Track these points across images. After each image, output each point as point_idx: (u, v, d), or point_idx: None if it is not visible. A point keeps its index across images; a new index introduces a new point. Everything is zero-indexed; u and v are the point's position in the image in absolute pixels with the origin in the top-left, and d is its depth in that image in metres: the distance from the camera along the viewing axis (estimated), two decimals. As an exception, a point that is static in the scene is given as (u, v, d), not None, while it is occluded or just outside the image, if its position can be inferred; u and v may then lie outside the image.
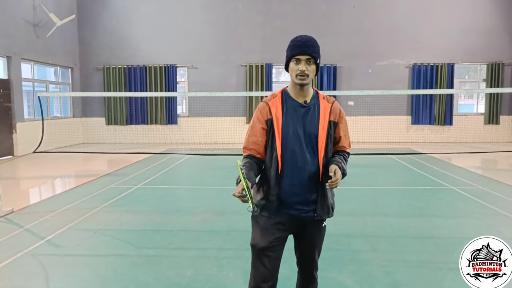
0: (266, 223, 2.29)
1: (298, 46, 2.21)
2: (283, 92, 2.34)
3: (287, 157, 2.24)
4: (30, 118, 12.59)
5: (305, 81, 2.21)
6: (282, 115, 2.26)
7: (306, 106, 2.27)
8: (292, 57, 2.22)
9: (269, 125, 2.27)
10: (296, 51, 2.20)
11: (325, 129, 2.26)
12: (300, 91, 2.27)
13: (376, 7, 14.49)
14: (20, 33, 11.88)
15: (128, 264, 3.98)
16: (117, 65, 14.76)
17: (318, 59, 2.23)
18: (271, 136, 2.27)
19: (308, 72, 2.20)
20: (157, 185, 7.77)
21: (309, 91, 2.30)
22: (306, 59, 2.19)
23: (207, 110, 14.60)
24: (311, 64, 2.21)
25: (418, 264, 3.90)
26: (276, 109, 2.27)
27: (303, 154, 2.24)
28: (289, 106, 2.27)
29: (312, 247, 2.38)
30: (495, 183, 7.54)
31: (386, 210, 5.93)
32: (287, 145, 2.24)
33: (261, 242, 2.29)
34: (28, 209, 6.02)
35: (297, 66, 2.21)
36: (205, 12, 14.65)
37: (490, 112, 14.44)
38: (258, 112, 2.32)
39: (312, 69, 2.22)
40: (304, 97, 2.28)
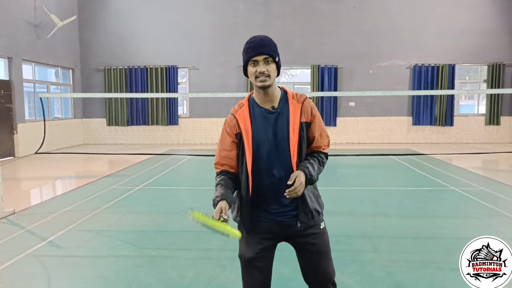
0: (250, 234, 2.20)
1: (253, 47, 2.08)
2: (249, 99, 2.20)
3: (259, 172, 2.12)
4: (31, 119, 12.61)
5: (266, 82, 2.06)
6: (251, 127, 2.12)
7: (275, 111, 2.12)
8: (249, 60, 2.08)
9: (238, 139, 2.15)
10: (252, 53, 2.07)
11: (296, 132, 2.10)
12: (265, 96, 2.13)
13: (377, 8, 14.50)
14: (21, 34, 11.90)
15: (129, 265, 3.98)
16: (118, 66, 14.78)
17: (276, 57, 2.10)
18: (241, 150, 2.15)
19: (268, 72, 2.06)
20: (159, 186, 7.77)
21: (275, 93, 2.15)
22: (264, 59, 2.06)
23: (208, 111, 14.60)
24: (270, 63, 2.08)
25: (419, 265, 3.90)
26: (244, 121, 2.14)
27: (276, 163, 2.11)
28: (257, 114, 2.14)
29: (316, 255, 2.19)
30: (496, 184, 7.54)
31: (387, 210, 5.92)
32: (259, 157, 2.12)
33: (248, 252, 2.18)
34: (30, 210, 6.03)
35: (255, 68, 2.07)
36: (206, 13, 14.67)
37: (491, 113, 14.44)
38: (226, 125, 2.20)
39: (272, 68, 2.08)
40: (271, 102, 2.14)
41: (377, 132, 14.51)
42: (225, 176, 2.18)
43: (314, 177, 2.08)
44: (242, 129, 2.13)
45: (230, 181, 2.17)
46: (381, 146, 13.83)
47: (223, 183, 2.14)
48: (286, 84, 15.44)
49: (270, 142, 2.11)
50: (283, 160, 2.12)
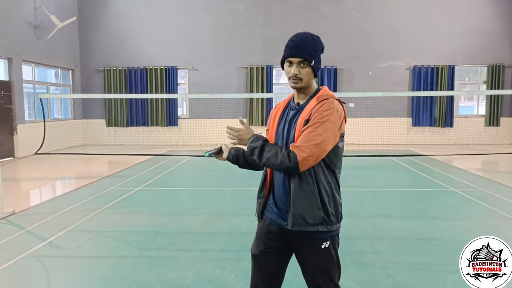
0: (260, 230, 2.25)
1: (290, 47, 2.06)
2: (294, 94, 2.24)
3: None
4: (30, 119, 12.60)
5: (298, 84, 2.06)
6: (279, 118, 2.17)
7: (297, 108, 2.12)
8: (285, 59, 2.09)
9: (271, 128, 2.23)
10: (288, 53, 2.06)
11: (300, 129, 2.01)
12: (298, 93, 2.14)
13: (377, 9, 14.51)
14: (21, 35, 11.90)
15: (129, 265, 3.98)
16: (117, 67, 14.77)
17: (313, 60, 2.03)
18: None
19: (300, 76, 2.03)
20: (158, 187, 7.77)
21: (308, 92, 2.11)
22: (299, 62, 2.03)
23: (208, 112, 14.61)
24: (305, 67, 2.03)
25: (419, 266, 3.90)
26: (277, 110, 2.21)
27: None
28: (288, 108, 2.18)
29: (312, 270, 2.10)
30: (496, 185, 7.54)
31: (387, 212, 5.92)
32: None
33: (253, 249, 2.25)
34: (30, 210, 6.02)
35: (289, 68, 2.06)
36: (205, 13, 14.68)
37: (490, 114, 14.44)
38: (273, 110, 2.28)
39: (306, 72, 2.03)
40: (302, 99, 2.13)
41: (376, 133, 14.52)
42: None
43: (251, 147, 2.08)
44: (272, 117, 2.22)
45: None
46: (381, 147, 13.84)
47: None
48: (285, 85, 15.46)
49: (284, 137, 2.10)
50: None
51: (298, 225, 2.03)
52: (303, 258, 2.13)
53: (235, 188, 7.50)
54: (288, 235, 2.11)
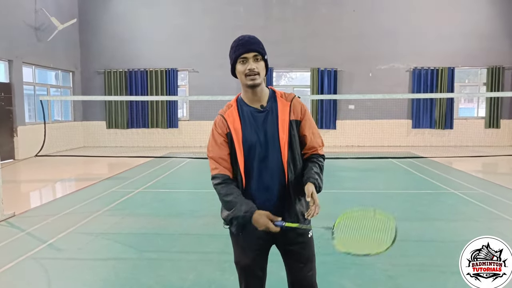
0: (244, 239, 2.19)
1: (242, 44, 2.07)
2: (238, 100, 2.18)
3: (251, 170, 2.10)
4: (31, 121, 12.61)
5: (256, 80, 2.04)
6: (241, 126, 2.10)
7: (264, 110, 2.11)
8: (237, 58, 2.06)
9: (229, 139, 2.12)
10: (241, 50, 2.05)
11: (286, 130, 2.07)
12: (253, 95, 2.10)
13: (377, 11, 14.53)
14: (21, 37, 11.92)
15: (129, 267, 3.98)
16: (118, 69, 14.79)
17: (265, 55, 2.08)
18: (233, 149, 2.12)
19: (258, 70, 2.04)
20: (158, 189, 7.77)
21: (264, 92, 2.13)
22: (253, 56, 2.05)
23: (208, 114, 14.57)
24: (259, 60, 2.06)
25: (420, 268, 3.90)
26: (233, 120, 2.12)
27: (268, 162, 2.09)
28: (246, 114, 2.12)
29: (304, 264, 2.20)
30: (496, 187, 7.54)
31: (387, 213, 5.90)
32: (250, 157, 2.09)
33: (243, 259, 2.21)
34: (30, 212, 6.02)
35: (244, 66, 2.05)
36: (206, 15, 14.70)
37: (490, 116, 14.45)
38: (216, 126, 2.17)
39: (261, 66, 2.06)
40: (259, 101, 2.12)
41: (376, 135, 14.51)
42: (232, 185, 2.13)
43: (321, 187, 2.09)
44: (232, 129, 2.11)
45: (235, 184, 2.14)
46: (381, 149, 13.83)
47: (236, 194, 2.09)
48: (285, 87, 15.47)
49: (261, 142, 2.09)
50: (275, 159, 2.09)
51: (297, 221, 2.13)
52: (293, 252, 2.18)
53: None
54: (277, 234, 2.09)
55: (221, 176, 2.15)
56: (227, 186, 2.13)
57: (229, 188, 2.12)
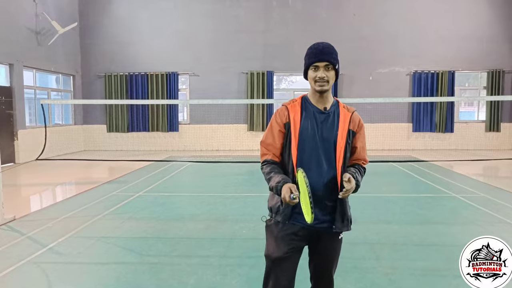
0: (280, 232, 2.25)
1: (316, 53, 2.20)
2: (303, 98, 2.32)
3: (303, 162, 2.18)
4: (31, 125, 12.61)
5: (324, 87, 2.19)
6: (301, 119, 2.23)
7: (326, 112, 2.25)
8: (310, 65, 2.21)
9: (286, 129, 2.24)
10: (314, 59, 2.19)
11: (344, 137, 2.21)
12: (320, 98, 2.25)
13: (377, 15, 14.57)
14: (22, 40, 11.94)
15: (130, 271, 3.96)
16: (118, 73, 14.81)
17: (336, 65, 2.22)
18: (288, 140, 2.23)
19: (327, 78, 2.19)
20: (159, 193, 7.76)
21: (329, 98, 2.27)
22: (325, 66, 2.19)
23: (208, 118, 14.63)
24: (330, 70, 2.20)
25: (421, 272, 3.89)
26: (294, 113, 2.24)
27: (320, 161, 2.19)
28: (308, 111, 2.25)
29: (327, 260, 2.34)
30: (497, 191, 7.53)
31: (388, 217, 5.91)
32: (304, 150, 2.20)
33: (276, 252, 2.25)
34: (30, 216, 6.01)
35: (315, 73, 2.20)
36: (206, 19, 14.73)
37: (491, 120, 14.45)
38: (277, 115, 2.29)
39: (331, 75, 2.20)
40: (323, 104, 2.26)
41: (377, 139, 14.51)
42: (274, 165, 2.26)
43: (359, 183, 2.21)
44: (291, 120, 2.22)
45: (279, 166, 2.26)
46: (382, 152, 13.82)
47: (276, 170, 2.22)
48: (286, 91, 15.49)
49: (316, 140, 2.20)
50: (328, 161, 2.20)
51: (347, 226, 2.30)
52: (323, 251, 2.31)
53: (236, 194, 7.48)
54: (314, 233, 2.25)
55: (270, 161, 2.28)
56: (271, 165, 2.26)
57: (272, 166, 2.25)
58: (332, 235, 2.28)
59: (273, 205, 2.28)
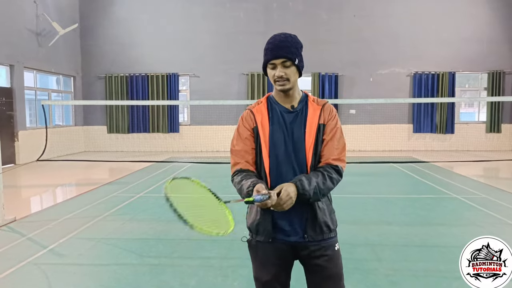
0: (265, 253, 2.04)
1: (271, 49, 1.98)
2: (268, 98, 2.12)
3: (275, 171, 2.00)
4: (32, 126, 12.61)
5: (285, 86, 1.98)
6: (269, 123, 2.03)
7: (293, 111, 2.04)
8: (267, 63, 2.01)
9: (255, 134, 2.04)
10: (269, 56, 1.98)
11: (313, 134, 1.99)
12: (285, 96, 2.05)
13: (377, 16, 14.57)
14: (23, 42, 11.95)
15: (131, 273, 3.95)
16: (119, 74, 14.82)
17: (296, 59, 1.98)
18: (258, 146, 2.03)
19: (287, 76, 1.97)
20: (160, 194, 7.71)
21: (296, 95, 2.07)
22: (282, 62, 1.96)
23: (209, 119, 14.62)
24: (289, 66, 1.97)
25: (423, 273, 3.87)
26: (261, 116, 2.05)
27: (294, 165, 1.99)
28: (274, 112, 2.05)
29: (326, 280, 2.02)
30: (498, 192, 7.51)
31: (389, 218, 5.90)
32: (276, 157, 2.00)
33: (265, 275, 2.04)
34: (31, 217, 6.00)
35: (273, 71, 1.99)
36: (206, 21, 14.74)
37: (491, 121, 14.44)
38: (243, 120, 2.09)
39: (291, 71, 1.98)
40: (290, 102, 2.06)
41: (378, 140, 14.51)
42: (245, 172, 2.03)
43: (308, 192, 1.87)
44: (259, 124, 2.04)
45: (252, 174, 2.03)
46: (382, 153, 13.82)
47: (247, 176, 1.99)
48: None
49: (287, 142, 2.00)
50: (299, 164, 1.99)
51: (322, 234, 2.01)
52: (318, 267, 2.02)
53: (236, 195, 7.47)
54: (301, 248, 2.01)
55: (241, 170, 2.05)
56: (242, 174, 2.03)
57: (243, 175, 2.02)
58: (324, 247, 2.01)
59: (251, 224, 2.09)
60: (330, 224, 2.04)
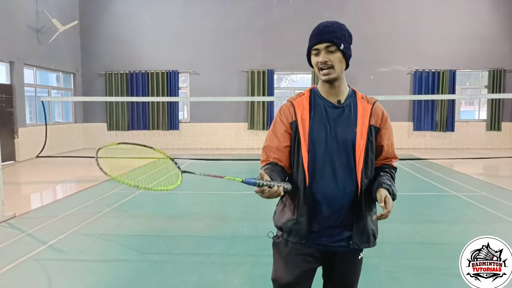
0: (291, 252, 1.90)
1: (316, 34, 1.86)
2: (312, 90, 1.96)
3: (316, 169, 1.83)
4: (32, 123, 12.59)
5: (331, 74, 1.82)
6: (310, 117, 1.86)
7: (340, 106, 1.88)
8: (310, 49, 1.88)
9: (293, 129, 1.87)
10: (314, 40, 1.85)
11: (364, 135, 1.83)
12: (330, 89, 1.88)
13: (378, 14, 14.54)
14: (23, 38, 11.92)
15: (131, 269, 3.95)
16: (119, 71, 14.79)
17: (342, 44, 1.84)
18: (296, 142, 1.86)
19: (331, 63, 1.81)
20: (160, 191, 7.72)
21: (343, 88, 1.91)
22: (325, 47, 1.82)
23: (209, 116, 14.60)
24: (334, 52, 1.82)
25: (424, 270, 3.87)
26: (302, 109, 1.88)
27: (336, 166, 1.82)
28: (318, 106, 1.88)
29: (345, 284, 1.99)
30: (498, 190, 7.51)
31: (390, 216, 5.83)
32: (316, 154, 1.83)
33: (285, 276, 1.89)
34: (30, 214, 5.99)
35: (317, 58, 1.85)
36: (206, 18, 14.71)
37: (492, 119, 14.43)
38: (281, 113, 1.93)
39: (336, 57, 1.82)
40: (337, 96, 1.89)
41: (378, 138, 14.50)
42: (271, 166, 1.86)
43: (396, 196, 1.84)
44: (299, 118, 1.86)
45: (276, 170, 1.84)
46: (382, 151, 13.79)
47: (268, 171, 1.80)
48: (287, 90, 15.45)
49: (330, 141, 1.83)
50: (345, 165, 1.84)
51: (368, 242, 1.93)
52: (340, 274, 1.96)
53: (237, 192, 7.46)
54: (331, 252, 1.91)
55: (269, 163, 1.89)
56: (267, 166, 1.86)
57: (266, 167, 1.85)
58: (350, 255, 1.93)
59: (284, 224, 1.91)
60: (376, 233, 1.98)
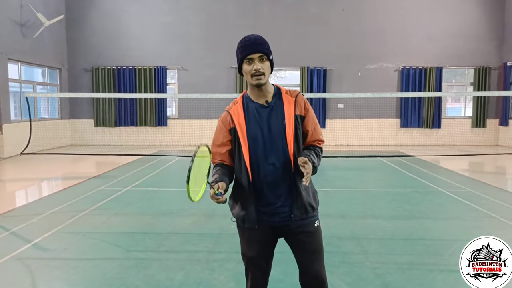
0: (251, 234, 2.28)
1: (248, 45, 2.14)
2: (244, 96, 2.28)
3: (256, 164, 2.19)
4: (16, 119, 12.40)
5: (262, 80, 2.15)
6: (245, 122, 2.20)
7: (268, 106, 2.21)
8: (244, 58, 2.15)
9: (233, 134, 2.23)
10: (247, 51, 2.13)
11: (292, 124, 2.18)
12: (259, 92, 2.21)
13: (366, 11, 14.60)
14: (6, 33, 11.70)
15: (117, 267, 3.92)
16: (106, 66, 14.63)
17: (270, 55, 2.18)
18: (237, 145, 2.22)
19: (263, 70, 2.14)
20: (147, 187, 7.70)
21: (269, 90, 2.24)
22: (259, 57, 2.14)
23: (197, 112, 14.54)
24: (265, 61, 2.16)
25: (408, 266, 3.91)
26: (238, 116, 2.22)
27: (273, 156, 2.18)
28: (250, 110, 2.22)
29: (307, 254, 2.27)
30: (483, 186, 7.62)
31: (376, 212, 5.94)
32: (256, 151, 2.19)
33: (249, 251, 2.30)
34: (15, 211, 5.91)
35: (250, 66, 2.14)
36: (195, 13, 14.61)
37: (477, 116, 14.63)
38: (221, 122, 2.29)
39: (266, 66, 2.16)
40: (265, 97, 2.23)
41: (365, 134, 14.60)
42: (220, 167, 2.26)
43: (316, 164, 2.15)
44: (236, 124, 2.21)
45: (226, 171, 2.25)
46: (370, 148, 13.91)
47: (219, 172, 2.21)
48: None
49: (265, 136, 2.18)
50: (281, 152, 2.18)
51: (307, 213, 2.23)
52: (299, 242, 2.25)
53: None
54: (285, 227, 2.24)
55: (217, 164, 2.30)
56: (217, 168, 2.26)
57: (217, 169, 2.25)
58: (304, 225, 2.23)
59: (237, 215, 2.31)
60: (313, 204, 2.27)
